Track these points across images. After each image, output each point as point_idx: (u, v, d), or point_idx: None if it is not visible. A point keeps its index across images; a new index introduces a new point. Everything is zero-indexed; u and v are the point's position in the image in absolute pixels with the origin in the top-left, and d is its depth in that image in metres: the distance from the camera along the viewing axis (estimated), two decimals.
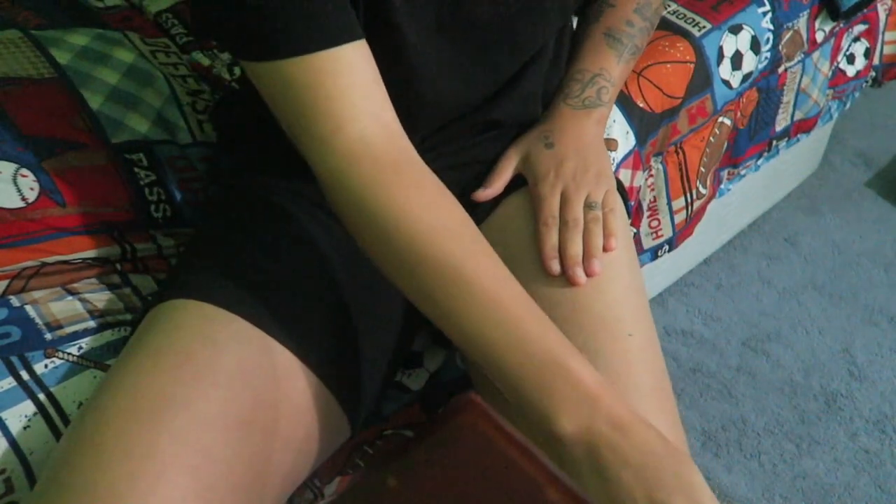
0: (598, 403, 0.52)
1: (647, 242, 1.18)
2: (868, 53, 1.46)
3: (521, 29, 0.70)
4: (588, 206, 0.72)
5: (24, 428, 0.66)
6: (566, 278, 0.69)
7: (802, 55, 1.29)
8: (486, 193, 0.76)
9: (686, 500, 0.48)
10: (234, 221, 0.74)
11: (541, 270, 0.71)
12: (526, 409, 0.54)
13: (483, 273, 0.56)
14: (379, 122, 0.58)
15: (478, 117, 0.76)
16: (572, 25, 0.86)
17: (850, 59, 1.45)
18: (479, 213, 0.79)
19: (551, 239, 0.70)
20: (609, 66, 0.78)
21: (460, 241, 0.57)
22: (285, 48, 0.55)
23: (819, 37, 1.32)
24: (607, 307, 0.67)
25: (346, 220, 0.59)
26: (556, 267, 0.69)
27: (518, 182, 0.79)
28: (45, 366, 0.69)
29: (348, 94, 0.56)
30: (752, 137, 1.30)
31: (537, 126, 0.79)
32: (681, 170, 1.14)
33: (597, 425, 0.51)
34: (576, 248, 0.69)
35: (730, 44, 1.15)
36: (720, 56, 1.14)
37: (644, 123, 1.02)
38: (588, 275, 0.68)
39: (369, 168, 0.56)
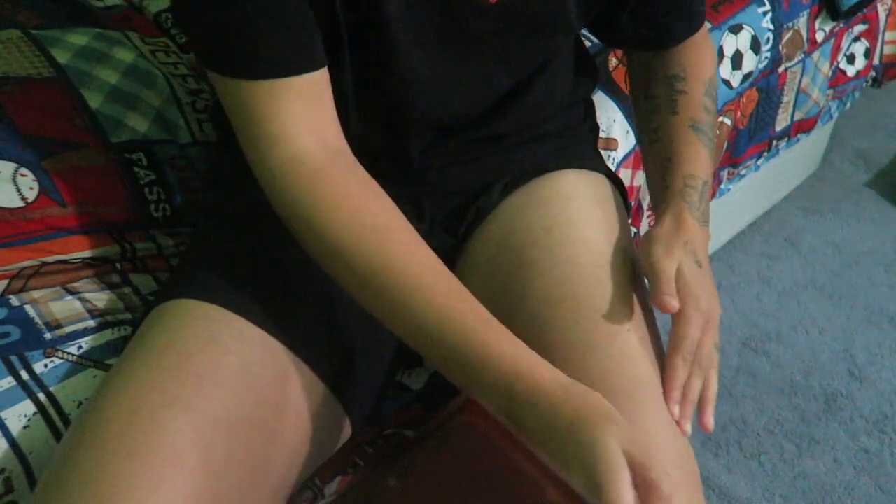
0: (516, 383, 0.53)
1: None
2: (868, 53, 1.46)
3: (519, 44, 0.70)
4: (714, 347, 0.67)
5: (24, 428, 0.66)
6: (675, 418, 0.65)
7: (802, 55, 1.29)
8: (674, 304, 0.65)
9: (582, 474, 0.49)
10: (236, 221, 0.74)
11: (540, 269, 0.71)
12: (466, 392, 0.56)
13: (408, 263, 0.58)
14: (316, 139, 0.60)
15: (479, 130, 0.76)
16: (581, 39, 0.86)
17: (850, 59, 1.45)
18: (483, 208, 0.79)
19: (681, 376, 0.65)
20: (708, 169, 0.75)
21: (387, 238, 0.59)
22: (229, 69, 0.58)
23: (819, 37, 1.32)
24: (606, 303, 0.67)
25: (285, 223, 0.62)
26: (677, 410, 0.65)
27: (520, 181, 0.79)
28: (45, 365, 0.69)
29: (288, 115, 0.58)
30: (752, 137, 1.30)
31: (672, 227, 0.70)
32: None
33: (513, 405, 0.53)
34: (696, 393, 0.66)
35: (730, 43, 1.15)
36: (720, 56, 1.14)
37: None
38: (703, 427, 0.66)
39: (303, 182, 0.59)
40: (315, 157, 0.59)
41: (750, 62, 1.18)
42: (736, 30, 1.15)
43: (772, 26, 1.20)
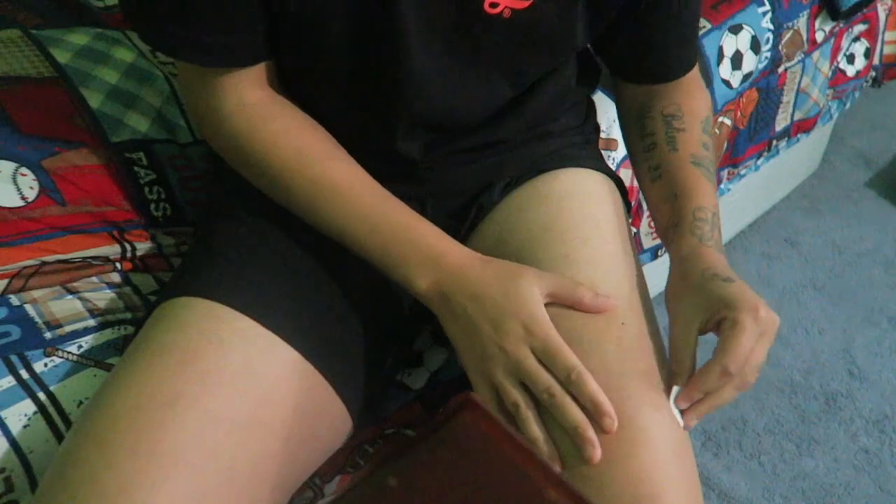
0: (442, 259, 0.63)
1: (647, 242, 1.18)
2: (868, 53, 1.46)
3: (526, 58, 0.70)
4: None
5: (24, 427, 0.66)
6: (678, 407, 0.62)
7: (802, 55, 1.29)
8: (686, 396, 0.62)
9: (517, 319, 0.60)
10: (237, 220, 0.74)
11: (540, 266, 0.70)
12: (395, 279, 0.65)
13: (340, 177, 0.67)
14: (250, 95, 0.67)
15: (481, 133, 0.76)
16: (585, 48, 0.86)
17: (850, 59, 1.45)
18: (484, 207, 0.79)
19: (709, 385, 0.61)
20: (714, 201, 0.73)
21: (319, 157, 0.68)
22: (161, 46, 0.64)
23: (819, 37, 1.32)
24: None
25: (229, 158, 0.71)
26: (678, 411, 0.62)
27: (521, 180, 0.79)
28: (45, 365, 0.69)
29: (217, 89, 0.66)
30: (752, 137, 1.30)
31: (687, 268, 0.66)
32: None
33: (442, 276, 0.63)
34: (720, 404, 0.62)
35: (730, 43, 1.15)
36: (720, 56, 1.14)
37: None
38: (685, 424, 0.63)
39: (247, 122, 0.67)
40: (257, 102, 0.67)
41: (750, 62, 1.18)
42: (736, 30, 1.15)
43: (772, 26, 1.20)
